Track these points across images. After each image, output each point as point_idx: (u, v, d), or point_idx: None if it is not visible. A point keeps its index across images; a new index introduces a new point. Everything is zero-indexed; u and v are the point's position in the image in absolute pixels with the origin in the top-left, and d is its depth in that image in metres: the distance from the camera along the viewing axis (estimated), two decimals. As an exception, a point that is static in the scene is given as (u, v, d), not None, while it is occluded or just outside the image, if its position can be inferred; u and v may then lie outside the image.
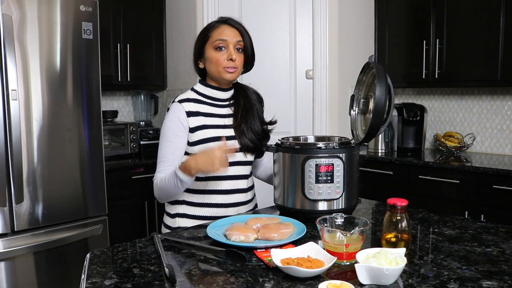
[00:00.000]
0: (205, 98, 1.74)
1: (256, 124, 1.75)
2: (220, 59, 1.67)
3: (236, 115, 1.74)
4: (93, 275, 1.07)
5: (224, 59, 1.66)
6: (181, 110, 1.67)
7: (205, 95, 1.74)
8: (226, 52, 1.67)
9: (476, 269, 1.08)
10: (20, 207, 2.38)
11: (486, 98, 3.26)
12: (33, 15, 2.39)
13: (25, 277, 2.43)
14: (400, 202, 1.18)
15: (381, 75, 1.48)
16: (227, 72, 1.67)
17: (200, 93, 1.75)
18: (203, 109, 1.71)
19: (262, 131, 1.77)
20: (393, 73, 3.28)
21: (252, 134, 1.73)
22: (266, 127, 1.81)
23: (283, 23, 3.26)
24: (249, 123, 1.73)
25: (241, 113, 1.73)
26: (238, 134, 1.71)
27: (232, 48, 1.66)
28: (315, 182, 1.46)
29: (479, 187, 2.67)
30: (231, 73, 1.68)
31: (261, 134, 1.76)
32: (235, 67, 1.67)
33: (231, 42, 1.67)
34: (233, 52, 1.66)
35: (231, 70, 1.67)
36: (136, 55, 3.52)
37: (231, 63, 1.66)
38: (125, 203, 3.13)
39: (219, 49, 1.67)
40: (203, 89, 1.75)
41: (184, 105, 1.68)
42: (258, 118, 1.77)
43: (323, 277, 1.03)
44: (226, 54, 1.66)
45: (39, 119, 2.43)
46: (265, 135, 1.79)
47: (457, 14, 3.03)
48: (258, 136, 1.74)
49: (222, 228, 1.36)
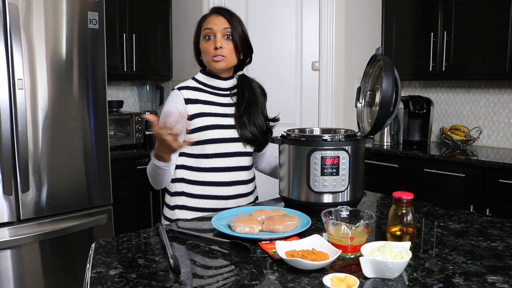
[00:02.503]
0: (205, 87, 1.73)
1: (260, 118, 1.74)
2: (208, 49, 1.66)
3: (239, 106, 1.72)
4: (98, 265, 1.08)
5: (211, 48, 1.66)
6: (179, 97, 1.67)
7: (205, 83, 1.74)
8: (213, 41, 1.66)
9: (481, 263, 1.07)
10: (26, 196, 2.39)
11: (494, 91, 3.23)
12: (39, 5, 2.38)
13: (30, 266, 2.45)
14: (406, 195, 1.17)
15: (388, 67, 1.47)
16: (214, 62, 1.66)
17: (200, 82, 1.74)
18: (203, 97, 1.71)
19: (264, 125, 1.76)
20: (400, 65, 3.26)
21: (254, 127, 1.71)
22: (268, 123, 1.80)
23: (289, 14, 3.24)
24: (252, 116, 1.72)
25: (244, 105, 1.72)
26: (238, 125, 1.70)
27: (220, 37, 1.65)
28: (320, 175, 1.45)
29: (485, 181, 2.66)
30: (218, 62, 1.66)
31: (263, 129, 1.75)
32: (222, 55, 1.66)
33: (218, 30, 1.65)
34: (220, 40, 1.65)
35: (217, 58, 1.66)
36: (141, 45, 3.51)
37: (217, 51, 1.65)
38: (130, 193, 3.14)
39: (207, 38, 1.67)
40: (203, 77, 1.75)
41: (182, 92, 1.68)
42: (261, 112, 1.76)
43: (328, 270, 1.03)
44: (213, 43, 1.66)
45: (45, 108, 2.44)
46: (267, 130, 1.78)
47: (465, 6, 2.99)
48: (260, 130, 1.73)
49: (226, 220, 1.36)
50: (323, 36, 3.21)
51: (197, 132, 1.65)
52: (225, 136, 1.67)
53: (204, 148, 1.65)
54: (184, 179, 1.69)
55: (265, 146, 1.81)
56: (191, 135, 1.65)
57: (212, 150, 1.66)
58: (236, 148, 1.70)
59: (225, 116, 1.70)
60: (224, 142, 1.67)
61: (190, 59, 1.82)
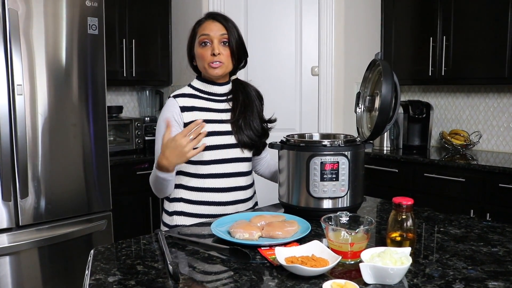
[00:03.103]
0: (201, 93, 1.73)
1: (256, 121, 1.74)
2: (204, 55, 1.66)
3: (235, 110, 1.72)
4: (97, 272, 1.07)
5: (208, 55, 1.65)
6: (175, 105, 1.66)
7: (201, 90, 1.73)
8: (210, 47, 1.65)
9: (482, 269, 1.07)
10: (25, 202, 2.39)
11: (493, 95, 3.24)
12: (39, 10, 2.39)
13: (29, 272, 2.44)
14: (406, 201, 1.17)
15: (387, 73, 1.47)
16: (212, 68, 1.66)
17: (196, 88, 1.74)
18: (199, 103, 1.70)
19: (261, 128, 1.76)
20: (399, 70, 3.27)
21: (250, 130, 1.71)
22: (266, 125, 1.79)
23: (289, 19, 3.25)
24: (248, 119, 1.71)
25: (239, 108, 1.72)
26: (235, 129, 1.69)
27: (216, 43, 1.65)
28: (320, 180, 1.45)
29: (485, 185, 2.65)
30: (215, 68, 1.66)
31: (259, 131, 1.74)
32: (220, 62, 1.65)
33: (214, 36, 1.65)
34: (217, 47, 1.64)
35: (215, 65, 1.65)
36: (141, 50, 3.52)
37: (215, 58, 1.64)
38: (130, 198, 3.14)
39: (203, 44, 1.66)
40: (199, 84, 1.75)
41: (178, 100, 1.68)
42: (257, 115, 1.75)
43: (328, 276, 1.03)
44: (210, 49, 1.65)
45: (44, 114, 2.44)
46: (264, 133, 1.77)
47: (464, 11, 3.00)
48: (256, 133, 1.73)
49: (226, 226, 1.35)
50: (323, 41, 3.22)
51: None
52: (222, 143, 1.67)
53: (202, 155, 1.65)
54: (182, 185, 1.69)
55: (263, 149, 1.81)
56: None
57: (210, 156, 1.65)
58: (234, 154, 1.69)
59: (221, 122, 1.70)
60: (222, 148, 1.66)
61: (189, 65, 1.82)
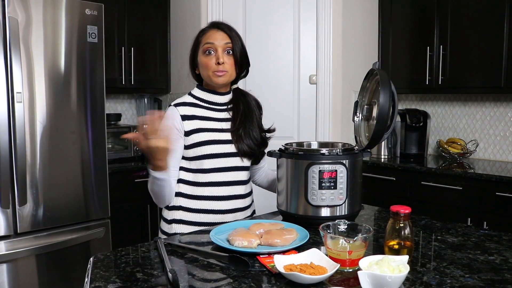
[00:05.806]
0: (201, 102, 1.74)
1: (255, 130, 1.75)
2: (209, 63, 1.67)
3: (235, 120, 1.73)
4: (96, 279, 1.08)
5: (213, 63, 1.66)
6: (176, 114, 1.67)
7: (202, 99, 1.74)
8: (214, 56, 1.67)
9: (479, 277, 1.08)
10: (23, 209, 2.39)
11: (490, 104, 3.26)
12: (39, 18, 2.40)
13: (27, 280, 2.44)
14: (403, 209, 1.18)
15: (385, 82, 1.48)
16: (216, 76, 1.67)
17: (196, 97, 1.75)
18: (199, 112, 1.71)
19: (260, 138, 1.77)
20: (397, 78, 3.28)
21: (250, 139, 1.72)
22: (265, 135, 1.81)
23: (287, 28, 3.27)
24: (248, 129, 1.72)
25: (240, 118, 1.73)
26: (235, 139, 1.70)
27: (220, 52, 1.66)
28: (318, 188, 1.46)
29: (482, 194, 2.66)
30: (220, 77, 1.67)
31: (259, 141, 1.76)
32: (224, 71, 1.67)
33: (219, 45, 1.66)
34: (221, 55, 1.66)
35: (220, 73, 1.66)
36: (140, 58, 3.54)
37: (219, 67, 1.66)
38: (128, 206, 3.14)
39: (208, 53, 1.67)
40: (200, 93, 1.75)
41: (179, 109, 1.68)
42: (256, 125, 1.77)
43: (326, 284, 1.03)
44: (214, 58, 1.66)
45: (43, 121, 2.44)
46: (263, 142, 1.79)
47: (461, 21, 3.03)
48: (256, 142, 1.74)
49: (225, 233, 1.36)
50: (321, 50, 3.24)
51: (194, 148, 1.66)
52: (222, 151, 1.67)
53: (201, 163, 1.66)
54: (181, 193, 1.69)
55: (261, 158, 1.82)
56: (188, 151, 1.66)
57: (209, 165, 1.66)
58: (233, 163, 1.70)
59: (222, 131, 1.70)
60: (221, 157, 1.67)
61: (188, 73, 1.83)
